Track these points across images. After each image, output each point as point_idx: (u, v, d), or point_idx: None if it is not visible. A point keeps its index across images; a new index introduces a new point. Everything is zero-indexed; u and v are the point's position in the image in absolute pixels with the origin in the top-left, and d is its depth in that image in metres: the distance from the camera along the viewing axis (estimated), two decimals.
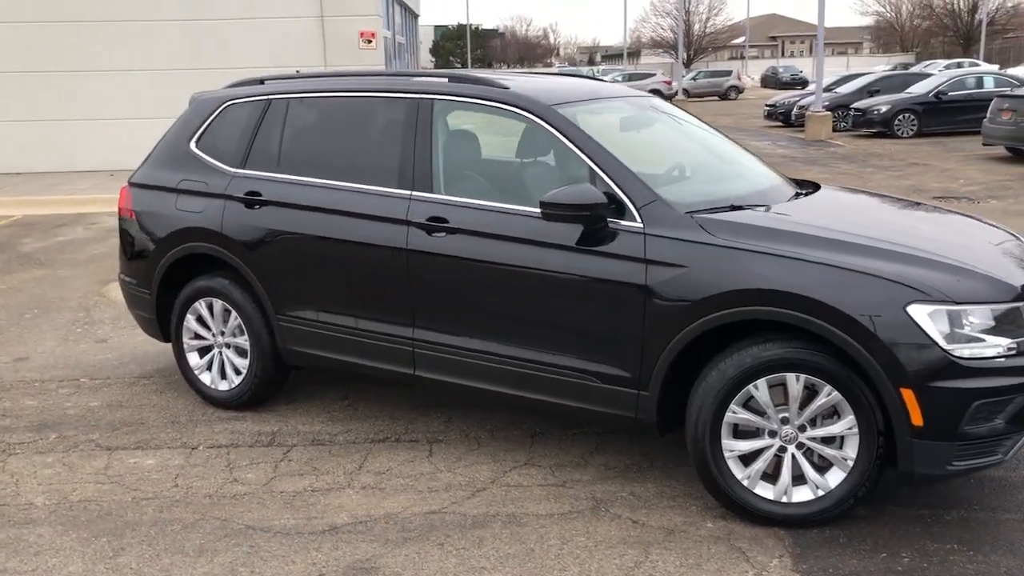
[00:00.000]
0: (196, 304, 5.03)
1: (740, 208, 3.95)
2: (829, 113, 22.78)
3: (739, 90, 47.60)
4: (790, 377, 3.52)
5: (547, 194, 3.80)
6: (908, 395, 3.30)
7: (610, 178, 3.89)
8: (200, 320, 5.08)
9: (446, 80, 4.49)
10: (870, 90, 24.79)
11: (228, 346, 5.02)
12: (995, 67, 35.07)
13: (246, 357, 4.95)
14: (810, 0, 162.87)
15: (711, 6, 72.33)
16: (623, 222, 3.82)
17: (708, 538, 3.57)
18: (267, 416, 4.97)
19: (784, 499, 3.62)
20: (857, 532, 3.58)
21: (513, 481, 4.11)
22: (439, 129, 4.39)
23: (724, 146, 4.93)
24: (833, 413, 3.54)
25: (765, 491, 3.64)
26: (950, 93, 21.76)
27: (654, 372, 3.74)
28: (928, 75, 25.24)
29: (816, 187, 4.67)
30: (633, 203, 3.82)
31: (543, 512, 3.82)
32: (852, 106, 23.21)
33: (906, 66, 48.43)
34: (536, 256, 3.96)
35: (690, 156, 4.76)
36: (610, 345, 3.85)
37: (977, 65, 36.07)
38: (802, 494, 3.61)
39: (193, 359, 5.16)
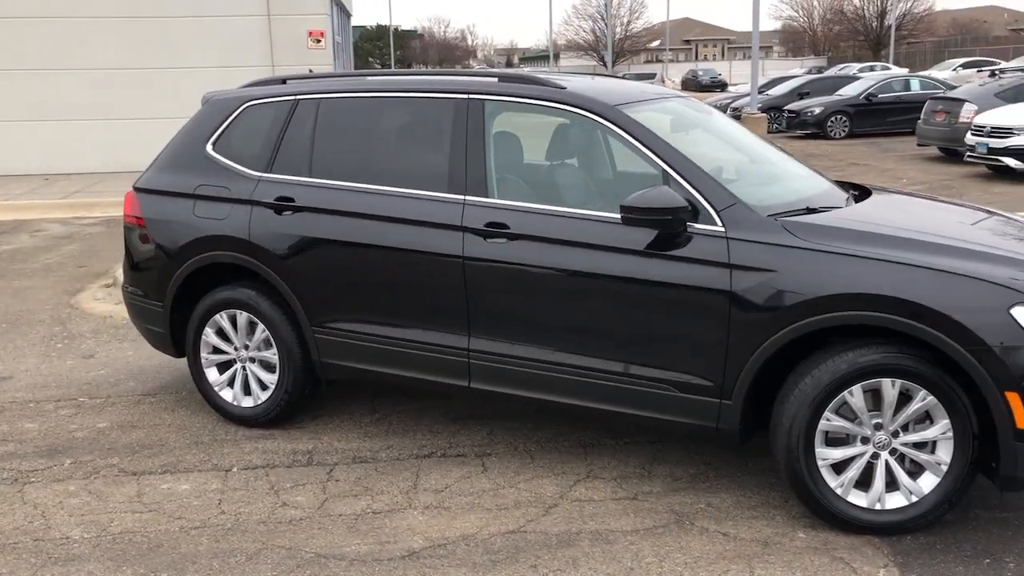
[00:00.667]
0: (217, 317, 4.73)
1: (815, 211, 3.88)
2: (764, 115, 23.17)
3: None
4: (886, 382, 3.45)
5: (628, 198, 3.66)
6: (1013, 398, 3.27)
7: (686, 181, 3.77)
8: (221, 333, 4.78)
9: (496, 80, 4.31)
10: (800, 92, 25.40)
11: (253, 360, 4.74)
12: (905, 70, 36.24)
13: (274, 372, 4.68)
14: (721, 4, 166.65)
15: (632, 9, 73.23)
16: (700, 226, 3.71)
17: (806, 549, 3.49)
18: (297, 433, 4.71)
19: (877, 506, 3.56)
20: (952, 538, 3.54)
21: (582, 495, 3.96)
22: (491, 130, 4.21)
23: (766, 148, 4.87)
24: (926, 418, 3.49)
25: (858, 499, 3.57)
26: (880, 96, 22.42)
27: (739, 381, 3.64)
28: (857, 78, 25.98)
29: (863, 189, 4.64)
30: (713, 206, 3.71)
31: (627, 528, 3.68)
32: (786, 108, 23.72)
33: (820, 69, 49.88)
34: (607, 262, 3.81)
35: (741, 158, 4.68)
36: (690, 353, 3.73)
37: (888, 69, 37.24)
38: (895, 500, 3.55)
39: (212, 375, 4.85)
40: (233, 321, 4.73)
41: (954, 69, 38.36)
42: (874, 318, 3.41)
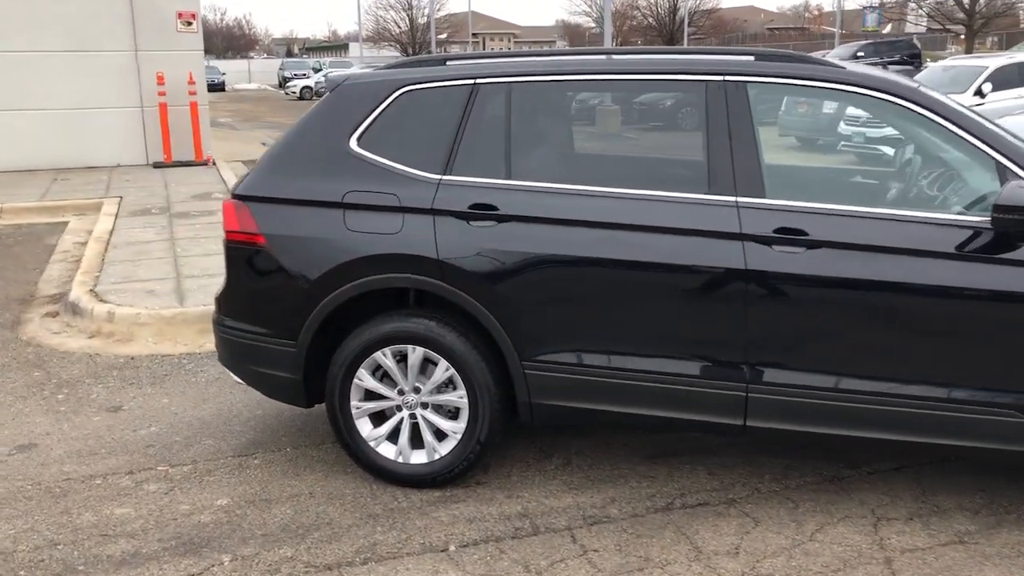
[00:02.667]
0: (378, 355, 3.78)
1: None
2: (617, 107, 23.38)
3: None
4: None
5: (1002, 196, 3.14)
6: None
7: None
8: (380, 375, 3.84)
9: (751, 58, 3.66)
10: None
11: (426, 406, 3.83)
12: None
13: (457, 419, 3.80)
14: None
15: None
16: None
17: None
18: (484, 492, 3.86)
19: None
20: None
21: (903, 543, 3.39)
22: (757, 118, 3.55)
23: None
24: None
25: None
26: None
27: None
28: None
29: None
30: None
31: None
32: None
33: None
34: (940, 271, 3.28)
35: None
36: None
37: None
38: None
39: (365, 427, 3.89)
40: (399, 359, 3.80)
41: None
42: None
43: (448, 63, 3.94)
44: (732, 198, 3.45)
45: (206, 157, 13.87)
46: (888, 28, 69.37)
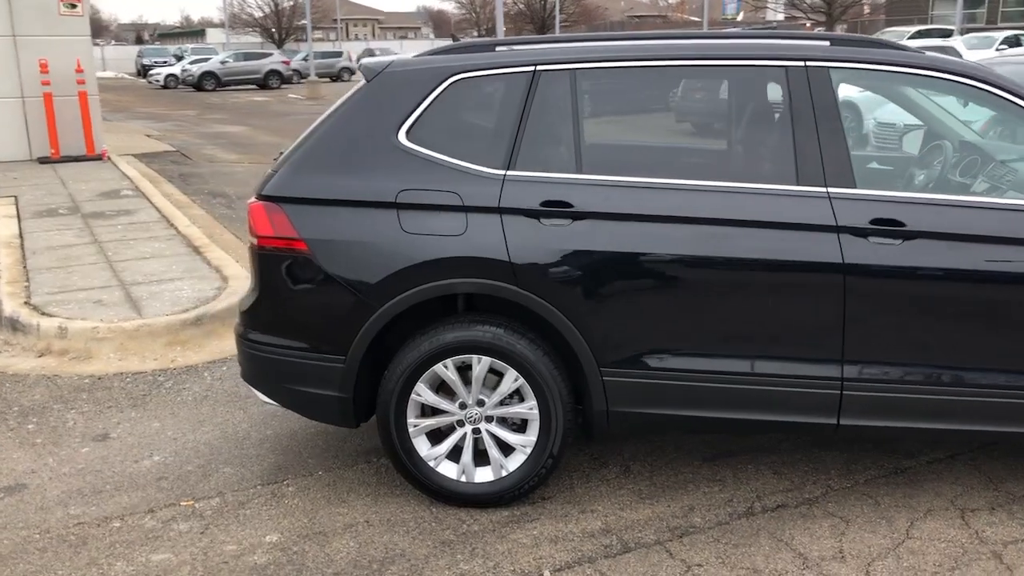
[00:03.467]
0: (438, 367, 3.47)
1: None
2: None
3: (351, 71, 47.05)
4: None
5: None
6: None
7: None
8: (440, 388, 3.53)
9: (827, 43, 3.52)
10: None
11: (491, 419, 3.55)
12: None
13: (525, 432, 3.54)
14: None
15: None
16: None
17: None
18: (556, 508, 3.61)
19: None
20: None
21: (1004, 535, 3.38)
22: (840, 105, 3.42)
23: None
24: None
25: None
26: None
27: None
28: None
29: None
30: None
31: None
32: None
33: None
34: None
35: None
36: None
37: None
38: None
39: (423, 446, 3.57)
40: (462, 371, 3.50)
41: None
42: None
43: (497, 48, 3.64)
44: (823, 189, 3.32)
45: (100, 151, 12.89)
46: (741, 15, 71.95)
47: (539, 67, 3.50)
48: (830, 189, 3.32)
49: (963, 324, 3.33)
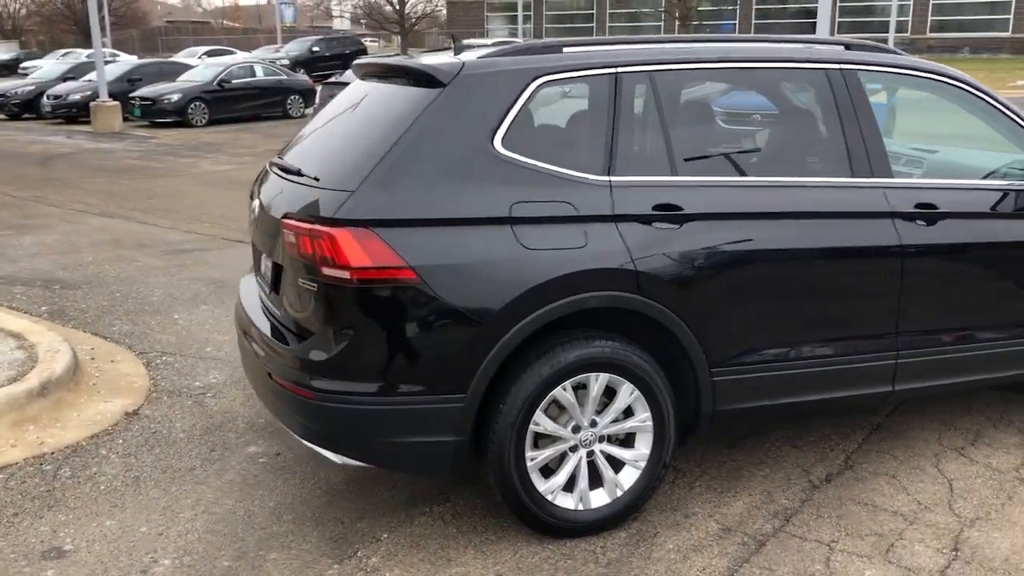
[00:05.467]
0: (556, 391, 3.22)
1: None
2: (118, 103, 21.08)
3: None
4: None
5: None
6: None
7: None
8: (553, 414, 3.28)
9: (842, 47, 3.83)
10: (131, 78, 23.63)
11: (603, 439, 3.37)
12: (247, 55, 35.13)
13: (632, 446, 3.42)
14: None
15: None
16: None
17: None
18: (657, 520, 3.52)
19: None
20: None
21: None
22: (870, 103, 3.76)
23: None
24: None
25: None
26: (233, 81, 22.32)
27: None
28: (190, 65, 25.20)
29: None
30: None
31: None
32: (138, 95, 21.81)
33: (24, 56, 45.98)
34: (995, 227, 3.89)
35: None
36: None
37: (117, 56, 35.72)
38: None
39: (539, 480, 3.28)
40: (578, 391, 3.28)
41: (200, 56, 39.26)
42: None
43: (566, 50, 3.44)
44: (873, 179, 3.65)
45: None
46: (292, 21, 72.35)
47: (619, 70, 3.38)
48: (876, 179, 3.66)
49: (986, 287, 3.89)
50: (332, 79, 16.03)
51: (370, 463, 3.23)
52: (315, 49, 36.56)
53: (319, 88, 16.70)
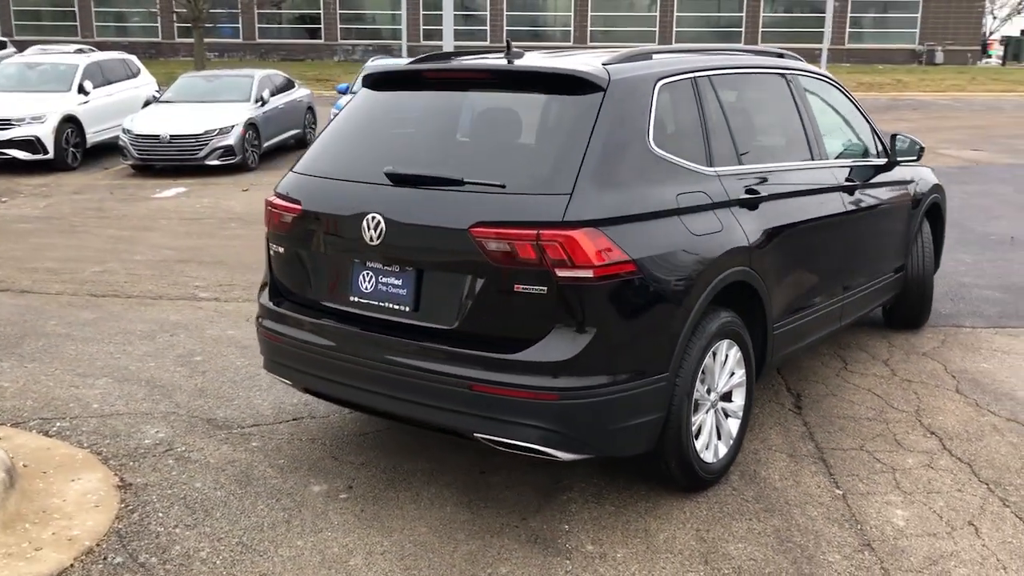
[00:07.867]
0: (706, 360, 3.65)
1: None
2: None
3: None
4: None
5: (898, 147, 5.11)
6: None
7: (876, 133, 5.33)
8: (699, 381, 3.70)
9: (778, 56, 4.71)
10: None
11: (720, 398, 3.87)
12: None
13: (731, 401, 3.97)
14: None
15: None
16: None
17: None
18: (745, 487, 4.07)
19: None
20: None
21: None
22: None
23: None
24: None
25: None
26: None
27: None
28: None
29: None
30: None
31: None
32: None
33: None
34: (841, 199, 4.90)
35: None
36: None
37: None
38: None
39: (694, 441, 3.68)
40: (713, 356, 3.74)
41: None
42: None
43: (654, 56, 3.84)
44: (825, 161, 4.62)
45: None
46: None
47: (696, 74, 3.90)
48: (822, 161, 4.63)
49: (842, 248, 4.86)
50: None
51: (598, 454, 3.34)
52: None
53: None
